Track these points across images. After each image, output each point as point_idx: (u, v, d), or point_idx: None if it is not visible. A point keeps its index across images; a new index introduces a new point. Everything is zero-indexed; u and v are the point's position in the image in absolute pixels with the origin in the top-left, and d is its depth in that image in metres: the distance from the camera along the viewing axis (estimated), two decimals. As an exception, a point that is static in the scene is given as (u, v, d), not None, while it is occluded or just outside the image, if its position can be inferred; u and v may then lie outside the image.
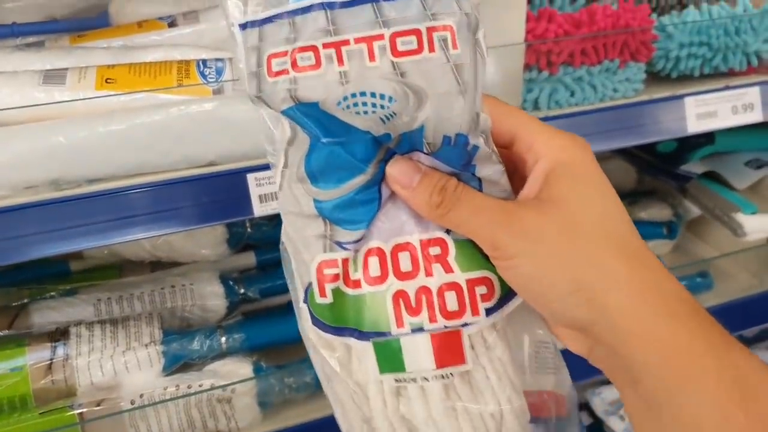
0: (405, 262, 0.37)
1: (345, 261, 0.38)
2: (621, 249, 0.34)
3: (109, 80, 0.62)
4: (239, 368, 0.76)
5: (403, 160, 0.36)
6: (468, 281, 0.37)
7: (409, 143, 0.37)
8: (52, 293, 0.86)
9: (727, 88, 0.84)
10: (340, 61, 0.35)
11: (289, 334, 0.84)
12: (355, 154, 0.36)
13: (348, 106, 0.35)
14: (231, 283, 0.89)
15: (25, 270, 0.89)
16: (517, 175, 0.38)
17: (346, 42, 0.35)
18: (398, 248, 0.37)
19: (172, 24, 0.75)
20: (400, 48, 0.35)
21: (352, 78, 0.35)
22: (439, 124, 0.36)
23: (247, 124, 0.63)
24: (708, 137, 1.04)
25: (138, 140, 0.60)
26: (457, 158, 0.37)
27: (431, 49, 0.35)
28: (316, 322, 0.39)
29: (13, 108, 0.59)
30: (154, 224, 0.61)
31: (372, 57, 0.35)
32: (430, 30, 0.35)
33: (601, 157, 1.22)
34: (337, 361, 0.39)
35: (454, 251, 0.37)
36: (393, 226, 0.38)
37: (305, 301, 0.39)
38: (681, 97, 0.82)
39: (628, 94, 0.81)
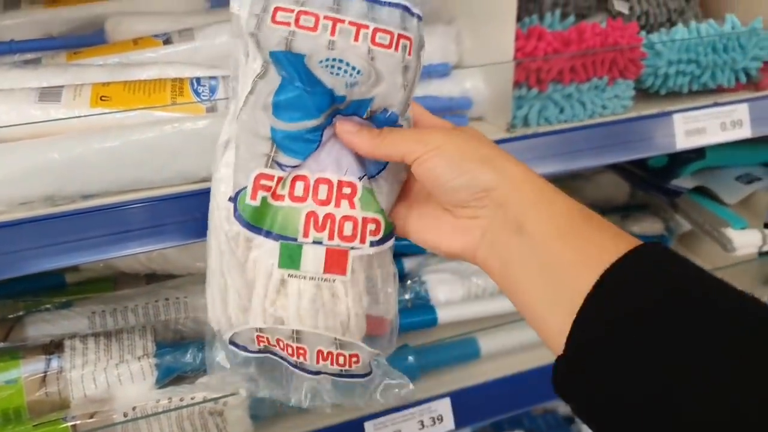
0: (323, 192, 0.49)
1: (279, 179, 0.49)
2: (498, 149, 0.49)
3: (104, 98, 0.63)
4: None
5: (348, 118, 0.50)
6: (364, 218, 0.50)
7: (353, 109, 0.49)
8: (47, 306, 0.86)
9: (715, 104, 0.85)
10: (333, 32, 0.46)
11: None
12: (315, 103, 0.48)
13: (326, 66, 0.47)
14: (225, 296, 0.90)
15: (21, 282, 0.89)
16: None
17: (342, 21, 0.46)
18: (320, 181, 0.49)
19: (167, 41, 0.76)
20: (377, 40, 0.47)
21: (337, 47, 0.47)
22: (384, 101, 0.49)
23: (240, 141, 0.64)
24: (699, 152, 1.05)
25: (132, 157, 0.61)
26: (383, 125, 0.50)
27: (396, 49, 0.48)
28: (238, 217, 0.50)
29: (9, 126, 0.60)
30: (148, 239, 0.62)
31: (356, 39, 0.47)
32: (400, 36, 0.48)
33: (594, 172, 1.24)
34: (240, 254, 0.51)
35: (360, 194, 0.50)
36: (321, 165, 0.49)
37: (233, 200, 0.50)
38: (670, 113, 0.83)
39: (617, 110, 0.82)
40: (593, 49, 0.77)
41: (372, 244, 0.50)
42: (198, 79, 0.67)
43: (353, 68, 0.47)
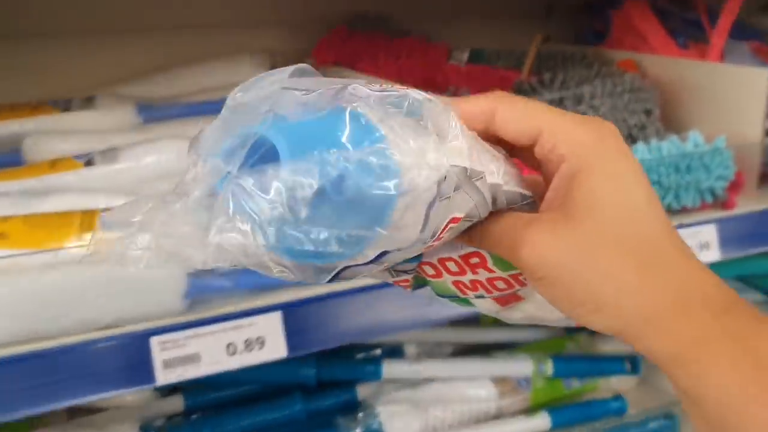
0: (453, 267, 0.43)
1: (411, 277, 0.44)
2: (637, 255, 0.34)
3: (0, 235, 0.57)
4: None
5: None
6: (510, 275, 0.42)
7: None
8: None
9: (680, 226, 0.80)
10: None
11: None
12: None
13: None
14: (153, 434, 0.81)
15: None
16: (544, 174, 0.38)
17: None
18: (443, 260, 0.43)
19: (89, 162, 0.70)
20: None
21: None
22: None
23: (151, 283, 0.57)
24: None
25: (23, 306, 0.54)
26: None
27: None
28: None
29: None
30: (38, 399, 0.55)
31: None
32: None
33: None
34: None
35: (491, 260, 0.41)
36: (436, 251, 0.42)
37: None
38: (633, 237, 0.77)
39: (577, 235, 0.77)
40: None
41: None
42: (111, 211, 0.61)
43: None
